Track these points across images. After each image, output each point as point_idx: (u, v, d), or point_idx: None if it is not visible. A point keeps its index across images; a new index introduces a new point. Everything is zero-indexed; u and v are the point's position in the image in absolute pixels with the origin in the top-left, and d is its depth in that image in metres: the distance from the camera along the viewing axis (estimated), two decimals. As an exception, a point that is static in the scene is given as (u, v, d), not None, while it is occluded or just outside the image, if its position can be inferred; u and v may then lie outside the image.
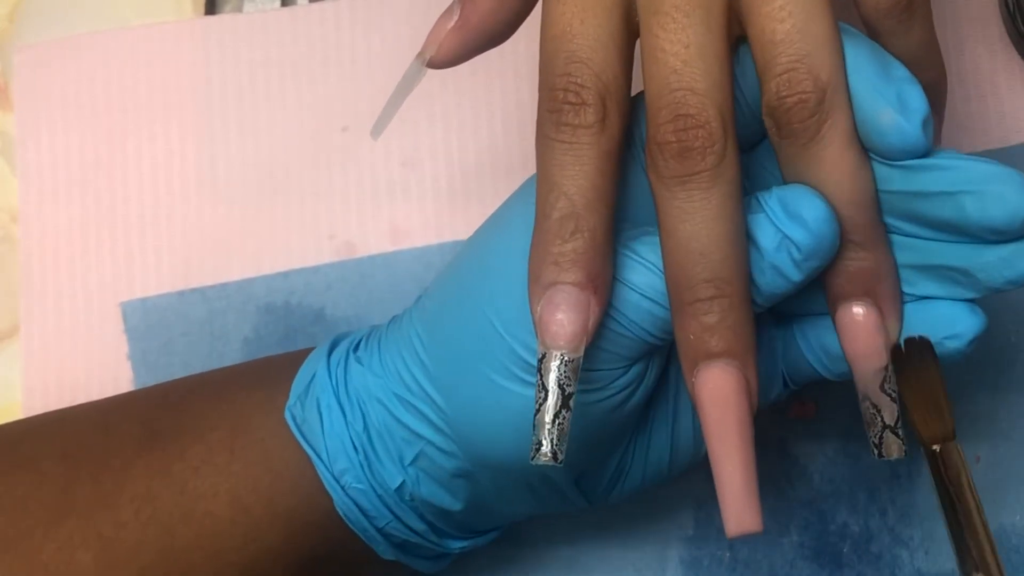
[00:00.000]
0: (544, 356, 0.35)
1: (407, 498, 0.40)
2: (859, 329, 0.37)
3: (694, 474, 0.47)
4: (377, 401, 0.40)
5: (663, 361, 0.39)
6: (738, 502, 0.34)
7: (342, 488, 0.40)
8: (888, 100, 0.35)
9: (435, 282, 0.40)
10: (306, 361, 0.41)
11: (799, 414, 0.48)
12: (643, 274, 0.36)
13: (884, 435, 0.37)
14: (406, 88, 0.41)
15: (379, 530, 0.41)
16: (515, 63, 0.51)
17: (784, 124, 0.35)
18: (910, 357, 0.37)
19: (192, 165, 0.51)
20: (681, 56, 0.35)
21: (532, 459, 0.35)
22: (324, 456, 0.40)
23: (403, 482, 0.40)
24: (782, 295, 0.36)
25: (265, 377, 0.42)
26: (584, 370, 0.36)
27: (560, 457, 0.35)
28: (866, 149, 0.36)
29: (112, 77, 0.52)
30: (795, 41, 0.35)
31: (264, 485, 0.40)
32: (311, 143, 0.51)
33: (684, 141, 0.34)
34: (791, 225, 0.35)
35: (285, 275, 0.50)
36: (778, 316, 0.40)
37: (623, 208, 0.38)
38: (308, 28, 0.52)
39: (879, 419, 0.37)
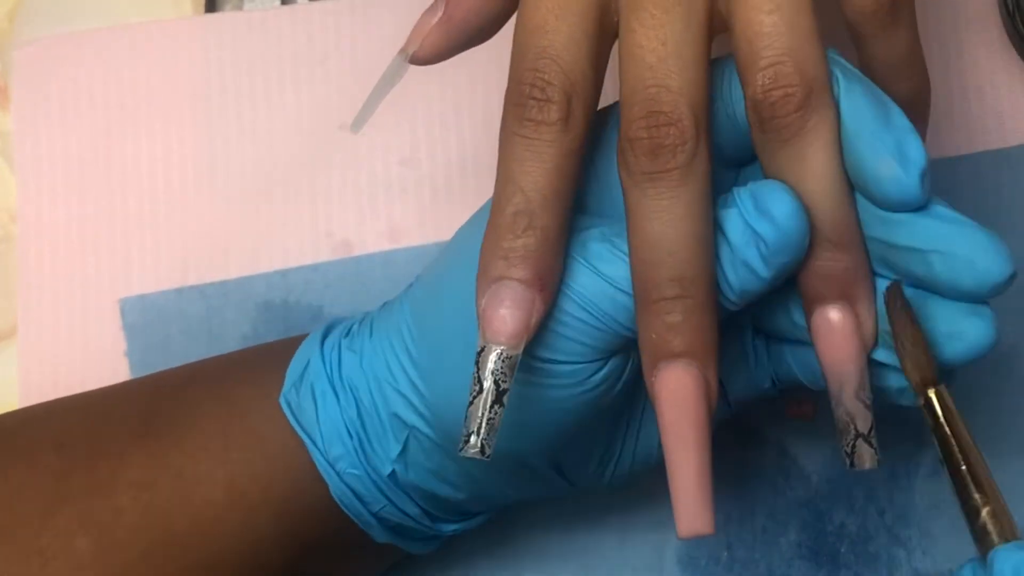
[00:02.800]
0: (483, 350, 0.35)
1: (399, 484, 0.40)
2: (834, 333, 0.36)
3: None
4: (366, 388, 0.40)
5: None
6: (691, 503, 0.34)
7: (337, 474, 0.40)
8: (888, 149, 0.34)
9: (425, 271, 0.40)
10: (300, 348, 0.41)
11: (797, 414, 0.48)
12: (618, 266, 0.36)
13: (856, 444, 0.36)
14: (388, 83, 0.41)
15: (374, 515, 0.41)
16: (515, 62, 0.51)
17: (768, 118, 0.34)
18: (894, 307, 0.36)
19: (191, 162, 0.51)
20: (657, 53, 0.34)
21: (460, 451, 0.34)
22: (319, 442, 0.40)
23: (394, 469, 0.40)
24: (755, 293, 0.36)
25: (260, 364, 0.42)
26: (561, 363, 0.36)
27: (488, 451, 0.34)
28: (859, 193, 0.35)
29: (111, 74, 0.52)
30: (783, 33, 0.34)
31: (260, 470, 0.40)
32: (310, 141, 0.51)
33: (655, 138, 0.34)
34: (759, 220, 0.34)
35: (284, 273, 0.50)
36: (767, 336, 0.40)
37: (598, 201, 0.38)
38: (308, 27, 0.52)
39: (852, 427, 0.36)
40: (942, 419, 0.35)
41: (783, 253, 0.35)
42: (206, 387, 0.42)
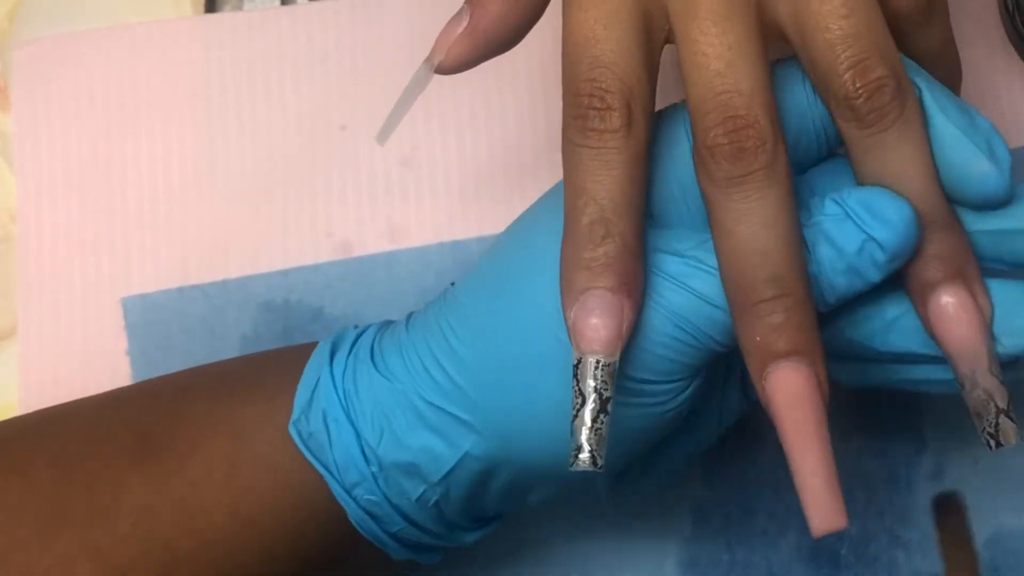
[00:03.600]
0: (580, 362, 0.35)
1: (429, 504, 0.40)
2: (958, 314, 0.36)
3: (692, 474, 0.48)
4: (403, 411, 0.39)
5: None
6: (823, 500, 0.34)
7: (354, 500, 0.39)
8: (981, 149, 0.35)
9: (471, 280, 0.39)
10: (306, 369, 0.40)
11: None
12: (708, 281, 0.36)
13: (1000, 420, 0.35)
14: (413, 93, 0.41)
15: (392, 535, 0.40)
16: (515, 62, 0.51)
17: (866, 112, 0.35)
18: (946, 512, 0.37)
19: (191, 162, 0.51)
20: (724, 58, 0.35)
21: (571, 465, 0.34)
22: (334, 470, 0.39)
23: (424, 490, 0.39)
24: (853, 296, 0.36)
25: (261, 381, 0.41)
26: (653, 382, 0.36)
27: (600, 462, 0.34)
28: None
29: (111, 75, 0.52)
30: (862, 34, 0.35)
31: (269, 499, 0.40)
32: (310, 141, 0.51)
33: (736, 142, 0.34)
34: (876, 226, 0.35)
35: (284, 273, 0.50)
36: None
37: (666, 212, 0.38)
38: (308, 27, 0.52)
39: (992, 404, 0.35)
40: None
41: (900, 257, 0.35)
42: (206, 407, 0.41)
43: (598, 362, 0.34)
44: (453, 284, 0.40)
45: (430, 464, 0.39)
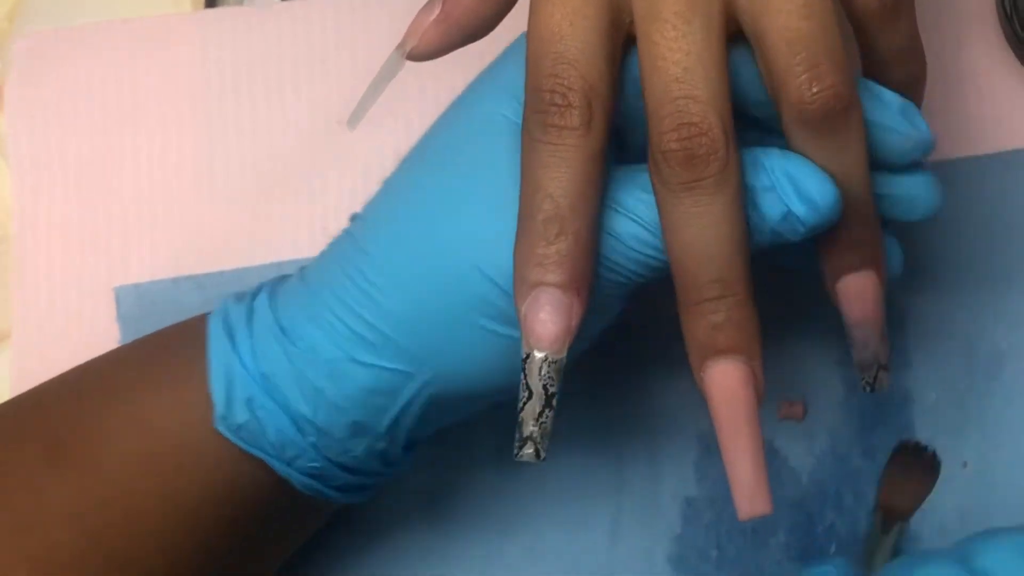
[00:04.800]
0: (528, 356, 0.36)
1: (375, 452, 0.41)
2: (866, 296, 0.38)
3: (683, 472, 0.48)
4: (334, 379, 0.39)
5: None
6: (749, 487, 0.36)
7: (296, 470, 0.40)
8: (895, 123, 0.37)
9: (380, 222, 0.40)
10: (211, 358, 0.40)
11: (788, 415, 0.48)
12: (630, 226, 0.37)
13: (879, 374, 0.39)
14: (384, 79, 0.41)
15: (335, 487, 0.41)
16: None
17: (817, 121, 0.36)
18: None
19: (189, 157, 0.51)
20: (682, 64, 0.35)
21: (516, 456, 0.36)
22: (272, 451, 0.40)
23: (369, 442, 0.40)
24: (777, 246, 0.38)
25: (166, 373, 0.41)
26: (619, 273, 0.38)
27: (543, 455, 0.36)
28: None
29: (109, 69, 0.52)
30: (818, 38, 0.35)
31: (196, 488, 0.40)
32: (307, 137, 0.51)
33: (689, 149, 0.35)
34: (800, 204, 0.36)
35: (280, 265, 0.50)
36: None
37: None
38: (307, 23, 0.52)
39: (876, 362, 0.39)
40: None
41: (819, 229, 0.37)
42: (111, 402, 0.41)
43: (546, 358, 0.36)
44: (353, 219, 0.41)
45: (374, 419, 0.40)
